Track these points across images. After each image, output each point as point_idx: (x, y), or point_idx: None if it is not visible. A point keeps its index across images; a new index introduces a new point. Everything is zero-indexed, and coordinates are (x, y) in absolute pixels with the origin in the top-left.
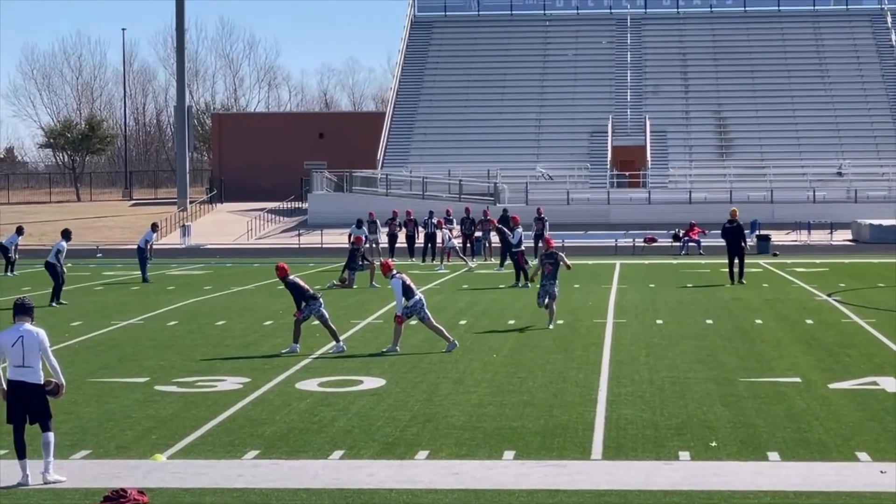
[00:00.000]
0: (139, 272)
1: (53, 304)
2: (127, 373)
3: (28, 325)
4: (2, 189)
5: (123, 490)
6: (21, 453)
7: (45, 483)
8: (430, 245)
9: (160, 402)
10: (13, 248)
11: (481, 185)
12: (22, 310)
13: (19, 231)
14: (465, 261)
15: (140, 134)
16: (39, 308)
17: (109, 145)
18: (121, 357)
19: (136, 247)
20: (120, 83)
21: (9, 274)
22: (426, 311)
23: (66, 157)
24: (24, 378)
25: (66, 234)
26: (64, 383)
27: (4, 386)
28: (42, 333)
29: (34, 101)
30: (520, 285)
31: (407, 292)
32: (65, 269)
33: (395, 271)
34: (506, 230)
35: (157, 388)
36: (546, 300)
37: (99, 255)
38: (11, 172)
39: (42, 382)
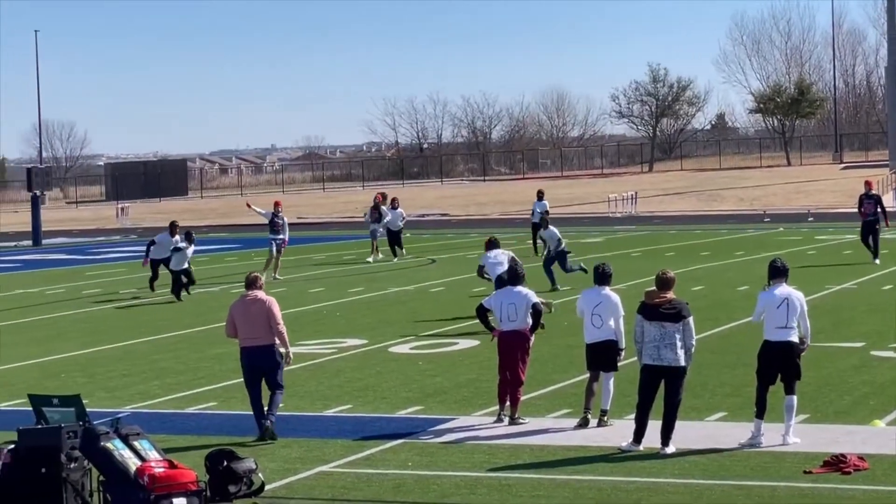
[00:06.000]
0: (857, 238)
1: None
2: (842, 337)
3: (785, 286)
4: (713, 155)
5: (843, 455)
6: (760, 413)
7: (783, 444)
8: None
9: (877, 368)
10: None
11: None
12: (779, 272)
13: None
14: None
15: (850, 96)
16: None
17: (819, 109)
18: (836, 321)
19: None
20: (829, 46)
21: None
22: None
23: (775, 121)
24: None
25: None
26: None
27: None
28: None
29: (743, 67)
30: None
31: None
32: None
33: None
34: None
35: (873, 353)
36: None
37: (810, 218)
38: (722, 138)
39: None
